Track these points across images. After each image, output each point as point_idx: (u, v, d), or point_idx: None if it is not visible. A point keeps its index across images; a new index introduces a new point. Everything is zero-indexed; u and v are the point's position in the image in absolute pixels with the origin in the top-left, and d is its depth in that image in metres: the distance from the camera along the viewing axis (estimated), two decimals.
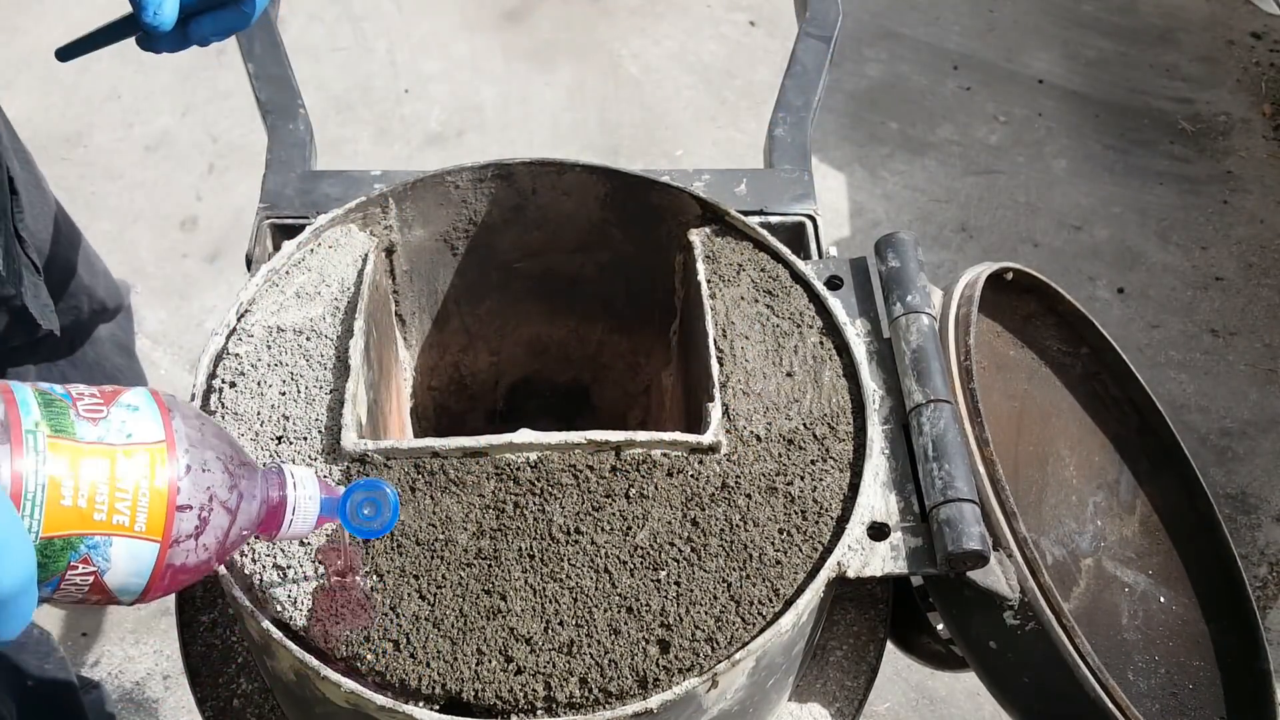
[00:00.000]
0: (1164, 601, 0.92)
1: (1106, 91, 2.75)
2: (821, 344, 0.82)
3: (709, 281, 0.86)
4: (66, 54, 0.79)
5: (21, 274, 1.09)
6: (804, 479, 0.74)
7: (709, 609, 0.68)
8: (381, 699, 0.64)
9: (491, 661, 0.65)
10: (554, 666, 0.65)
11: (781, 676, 0.78)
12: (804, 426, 0.77)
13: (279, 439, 0.74)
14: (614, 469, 0.73)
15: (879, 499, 0.76)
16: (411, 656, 0.65)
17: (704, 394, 0.80)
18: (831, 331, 0.83)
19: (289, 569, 0.68)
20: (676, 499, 0.72)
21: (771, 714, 0.84)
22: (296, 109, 1.02)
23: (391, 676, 0.65)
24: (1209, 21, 2.95)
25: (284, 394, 0.76)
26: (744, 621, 0.68)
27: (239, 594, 0.67)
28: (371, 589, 0.68)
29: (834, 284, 0.89)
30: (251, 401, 0.76)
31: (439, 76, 2.69)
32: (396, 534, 0.70)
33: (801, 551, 0.71)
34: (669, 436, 0.74)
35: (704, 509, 0.72)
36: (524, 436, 0.73)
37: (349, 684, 0.64)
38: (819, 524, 0.72)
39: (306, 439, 0.74)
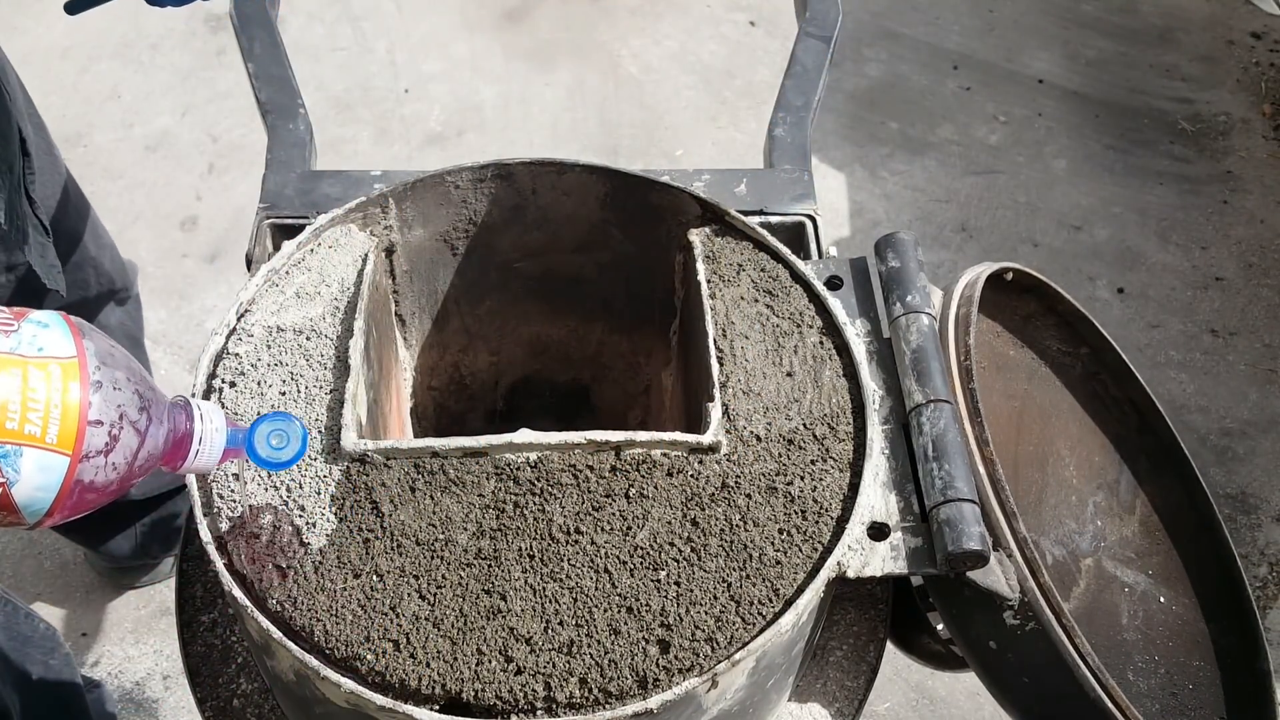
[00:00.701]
0: (1164, 601, 0.92)
1: (1106, 91, 2.75)
2: (821, 344, 0.82)
3: (709, 281, 0.86)
4: (75, 7, 0.78)
5: (28, 232, 1.09)
6: (804, 479, 0.74)
7: (709, 609, 0.68)
8: (381, 699, 0.64)
9: (491, 661, 0.65)
10: (554, 666, 0.65)
11: (781, 676, 0.78)
12: (804, 426, 0.77)
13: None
14: (614, 469, 0.73)
15: (879, 499, 0.76)
16: (411, 656, 0.65)
17: (704, 394, 0.80)
18: (831, 331, 0.83)
19: (289, 569, 0.68)
20: (676, 499, 0.72)
21: (771, 714, 0.84)
22: (296, 109, 1.02)
23: (391, 676, 0.65)
24: (1209, 21, 2.95)
25: (284, 394, 0.76)
26: (744, 621, 0.68)
27: (239, 594, 0.67)
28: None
29: (834, 284, 0.89)
30: (251, 401, 0.76)
31: (439, 76, 2.69)
32: (396, 534, 0.70)
33: (801, 551, 0.71)
34: (669, 436, 0.74)
35: (704, 509, 0.72)
36: (524, 436, 0.73)
37: (349, 684, 0.64)
38: (819, 524, 0.72)
39: None
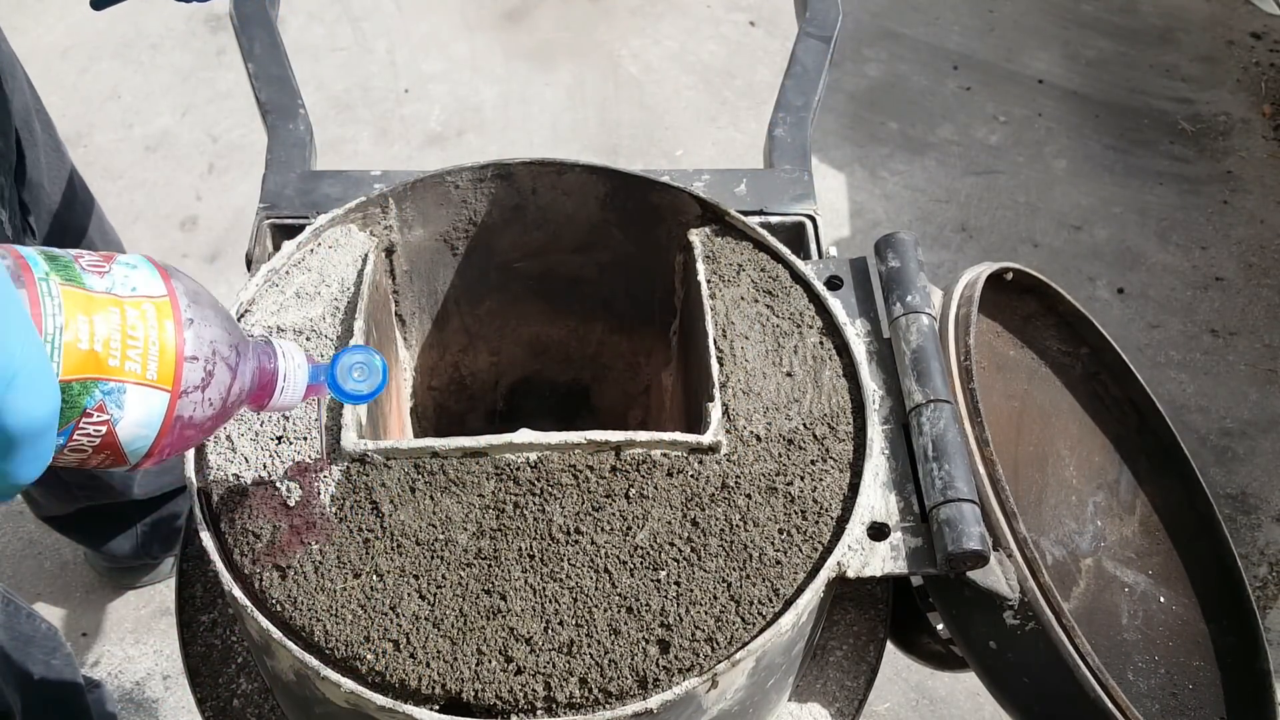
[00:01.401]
0: (1164, 601, 0.92)
1: (1106, 91, 2.75)
2: (821, 344, 0.82)
3: (709, 281, 0.86)
4: (101, 3, 0.78)
5: (22, 241, 1.09)
6: (804, 479, 0.74)
7: (709, 609, 0.68)
8: (381, 699, 0.64)
9: (491, 661, 0.65)
10: (554, 666, 0.65)
11: (781, 676, 0.78)
12: (804, 426, 0.77)
13: (279, 439, 0.74)
14: (614, 469, 0.73)
15: (879, 499, 0.76)
16: (411, 656, 0.65)
17: (704, 394, 0.80)
18: (831, 331, 0.83)
19: (289, 569, 0.68)
20: (676, 499, 0.72)
21: (771, 714, 0.84)
22: (296, 109, 1.02)
23: (391, 676, 0.65)
24: (1209, 21, 2.95)
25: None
26: (744, 621, 0.68)
27: (239, 594, 0.67)
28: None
29: (834, 284, 0.89)
30: None
31: (439, 76, 2.69)
32: (396, 534, 0.70)
33: (801, 551, 0.71)
34: (669, 436, 0.74)
35: (704, 509, 0.72)
36: (524, 436, 0.73)
37: (349, 684, 0.64)
38: (819, 524, 0.72)
39: (306, 439, 0.74)
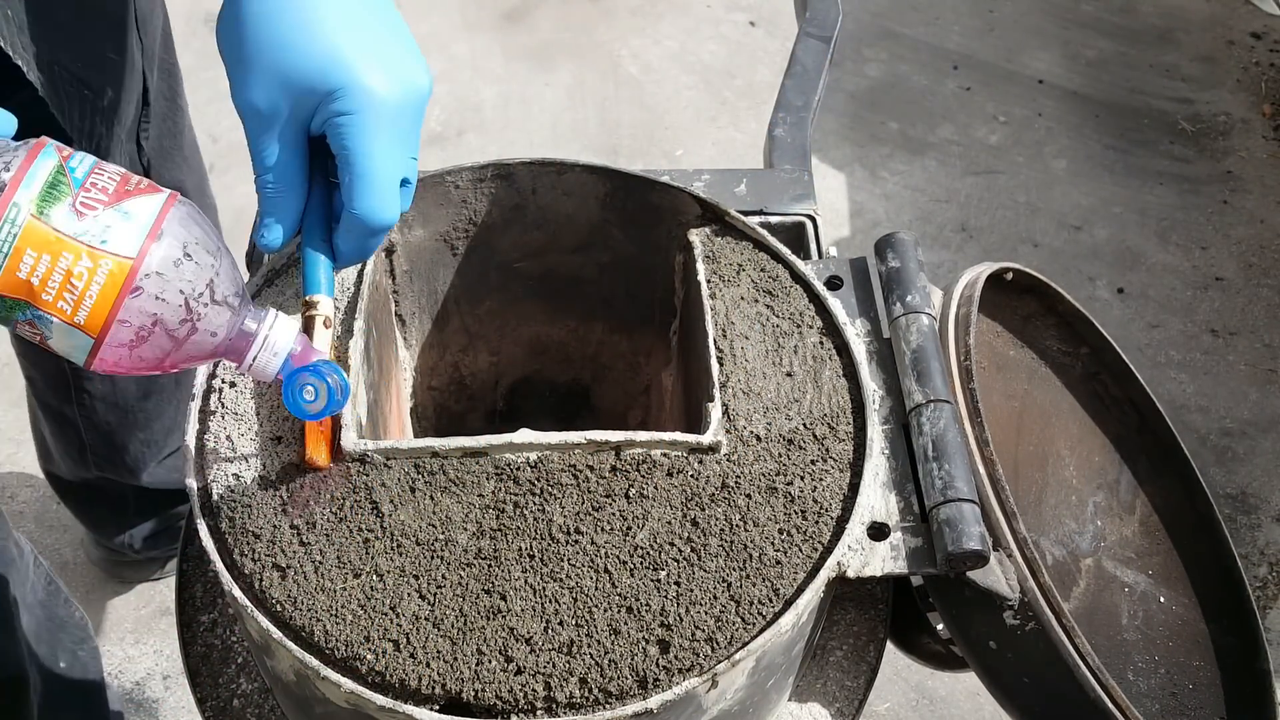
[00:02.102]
0: (1164, 601, 0.92)
1: (1106, 91, 2.75)
2: (821, 344, 0.82)
3: (709, 281, 0.86)
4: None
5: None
6: (804, 479, 0.74)
7: (709, 609, 0.68)
8: (381, 699, 0.64)
9: (491, 661, 0.65)
10: (554, 666, 0.65)
11: (781, 676, 0.78)
12: (804, 426, 0.77)
13: (278, 439, 0.74)
14: (614, 469, 0.73)
15: (879, 499, 0.76)
16: (411, 656, 0.65)
17: (704, 394, 0.80)
18: (831, 331, 0.83)
19: (289, 569, 0.68)
20: (676, 499, 0.72)
21: (771, 714, 0.84)
22: None
23: (391, 676, 0.65)
24: (1209, 21, 2.95)
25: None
26: (744, 621, 0.68)
27: (239, 594, 0.67)
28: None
29: (834, 284, 0.89)
30: (251, 401, 0.76)
31: (439, 76, 2.69)
32: (396, 534, 0.70)
33: (801, 551, 0.71)
34: (669, 436, 0.74)
35: (704, 509, 0.72)
36: (524, 436, 0.73)
37: (349, 684, 0.64)
38: (819, 524, 0.72)
39: None
